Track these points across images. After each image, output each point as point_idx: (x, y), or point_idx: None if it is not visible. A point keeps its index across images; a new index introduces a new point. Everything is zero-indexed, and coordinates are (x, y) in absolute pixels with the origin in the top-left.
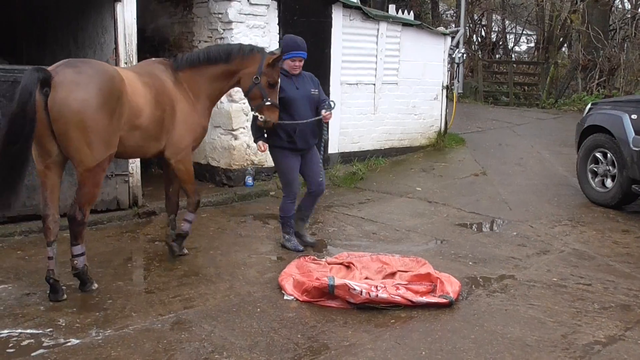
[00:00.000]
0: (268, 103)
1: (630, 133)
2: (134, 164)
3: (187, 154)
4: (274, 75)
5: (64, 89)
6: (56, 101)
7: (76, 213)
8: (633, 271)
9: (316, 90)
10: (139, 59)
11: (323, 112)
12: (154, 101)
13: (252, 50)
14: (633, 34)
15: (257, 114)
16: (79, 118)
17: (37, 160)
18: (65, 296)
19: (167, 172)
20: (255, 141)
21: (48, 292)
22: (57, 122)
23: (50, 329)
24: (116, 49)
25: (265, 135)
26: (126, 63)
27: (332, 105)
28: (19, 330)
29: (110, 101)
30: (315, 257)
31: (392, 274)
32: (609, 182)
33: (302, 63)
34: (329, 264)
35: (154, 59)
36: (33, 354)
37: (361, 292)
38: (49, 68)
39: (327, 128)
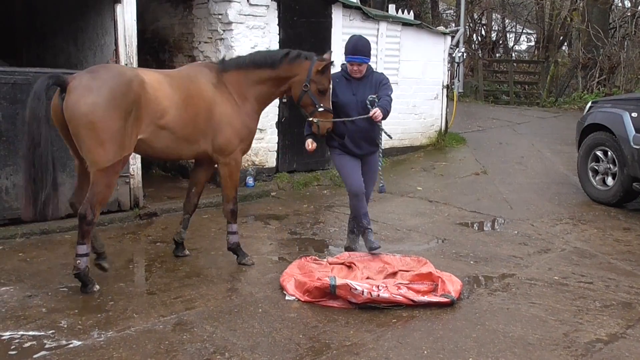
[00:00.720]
0: (320, 109)
1: (631, 131)
2: (135, 166)
3: (235, 158)
4: (324, 82)
5: (76, 93)
6: (68, 105)
7: (87, 212)
8: (634, 269)
9: (375, 95)
10: (139, 60)
11: (371, 113)
12: (182, 103)
13: (299, 57)
14: (633, 32)
15: (312, 119)
16: (88, 120)
17: (73, 155)
18: (97, 288)
19: (195, 173)
20: (306, 138)
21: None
22: (70, 124)
23: (52, 331)
24: (116, 50)
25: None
26: (126, 64)
27: (375, 100)
28: (21, 332)
29: (123, 104)
30: (317, 257)
31: (394, 274)
32: (609, 180)
33: (362, 67)
34: (330, 264)
35: (201, 62)
36: (35, 356)
37: (363, 292)
38: (74, 74)
39: (381, 131)
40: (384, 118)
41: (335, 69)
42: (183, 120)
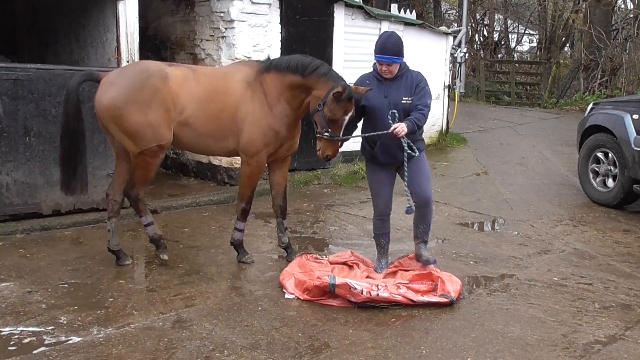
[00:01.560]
0: (325, 134)
1: (632, 133)
2: None
3: (258, 160)
4: (336, 112)
5: (102, 88)
6: (96, 99)
7: (131, 190)
8: (634, 271)
9: (409, 98)
10: (141, 57)
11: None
12: (205, 99)
13: (326, 75)
14: (635, 34)
15: (318, 136)
16: (110, 113)
17: (111, 145)
18: (129, 261)
19: (270, 176)
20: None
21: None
22: (98, 116)
23: (52, 327)
24: (118, 47)
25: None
26: (127, 61)
27: (396, 115)
28: (21, 328)
29: (142, 97)
30: (318, 256)
31: (394, 273)
32: (610, 182)
33: (392, 67)
34: (330, 262)
35: (247, 60)
36: (34, 352)
37: (362, 291)
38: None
39: (407, 144)
40: (412, 132)
41: (360, 72)
42: (205, 117)
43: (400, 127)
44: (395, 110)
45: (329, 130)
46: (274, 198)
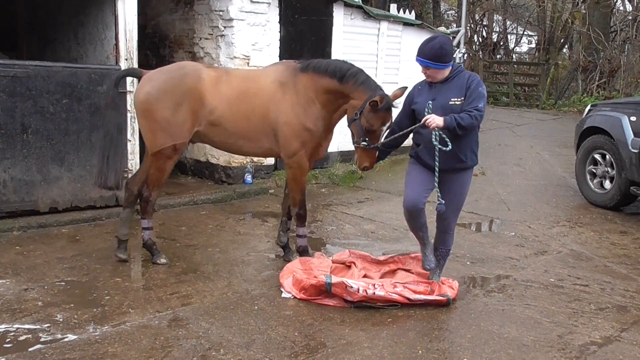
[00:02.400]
0: (363, 143)
1: (629, 135)
2: (133, 161)
3: (298, 161)
4: (373, 122)
5: (141, 83)
6: (134, 94)
7: (144, 190)
8: (630, 272)
9: (459, 99)
10: (139, 55)
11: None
12: (235, 100)
13: (364, 84)
14: (634, 36)
15: (355, 145)
16: (143, 108)
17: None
18: (125, 257)
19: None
20: None
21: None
22: (135, 111)
23: (48, 325)
24: (117, 45)
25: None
26: (126, 60)
27: (430, 106)
28: (17, 326)
29: (172, 96)
30: (323, 254)
31: (392, 272)
32: (607, 184)
33: (431, 72)
34: (334, 262)
35: (286, 60)
36: (30, 350)
37: (358, 289)
38: None
39: (438, 137)
40: (447, 128)
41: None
42: (234, 117)
43: (432, 118)
44: (430, 101)
45: (366, 139)
46: (285, 197)
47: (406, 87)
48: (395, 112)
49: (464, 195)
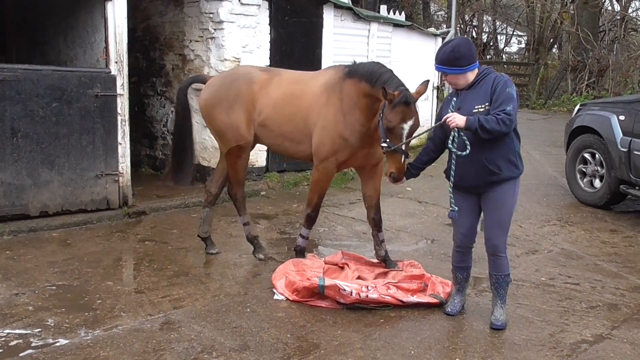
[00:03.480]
0: (384, 145)
1: (618, 134)
2: (124, 164)
3: (326, 167)
4: (391, 118)
5: (203, 89)
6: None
7: (229, 189)
8: (620, 270)
9: (483, 105)
10: (130, 58)
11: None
12: (281, 102)
13: (387, 82)
14: (622, 36)
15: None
16: (204, 113)
17: None
18: (216, 250)
19: (362, 189)
20: None
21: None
22: None
23: (39, 329)
24: (106, 48)
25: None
26: (116, 62)
27: (452, 104)
28: (7, 331)
29: (227, 99)
30: (315, 255)
31: (385, 273)
32: (597, 183)
33: (451, 78)
34: (326, 263)
35: (336, 64)
36: (21, 355)
37: (351, 292)
38: None
39: (454, 138)
40: (468, 129)
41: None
42: (280, 119)
43: (453, 117)
44: (455, 98)
45: (387, 140)
46: (367, 210)
47: (428, 81)
48: (428, 116)
49: (506, 210)
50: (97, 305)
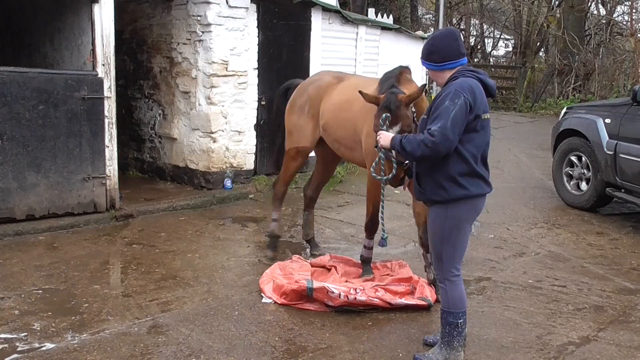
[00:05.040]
0: (375, 148)
1: (604, 137)
2: (111, 167)
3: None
4: (375, 122)
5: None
6: None
7: (274, 183)
8: (606, 273)
9: (425, 117)
10: (117, 60)
11: None
12: (338, 107)
13: (382, 84)
14: (607, 40)
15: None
16: (285, 113)
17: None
18: (319, 252)
19: (413, 205)
20: None
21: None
22: None
23: (25, 334)
24: (93, 50)
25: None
26: (103, 65)
27: (388, 118)
28: None
29: (299, 103)
30: (301, 257)
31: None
32: (583, 185)
33: (432, 75)
34: (312, 265)
35: (398, 66)
36: (7, 359)
37: (339, 295)
38: None
39: (382, 157)
40: (392, 149)
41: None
42: (335, 124)
43: (380, 136)
44: (388, 114)
45: (377, 146)
46: (418, 228)
47: (425, 85)
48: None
49: (432, 235)
50: (84, 309)
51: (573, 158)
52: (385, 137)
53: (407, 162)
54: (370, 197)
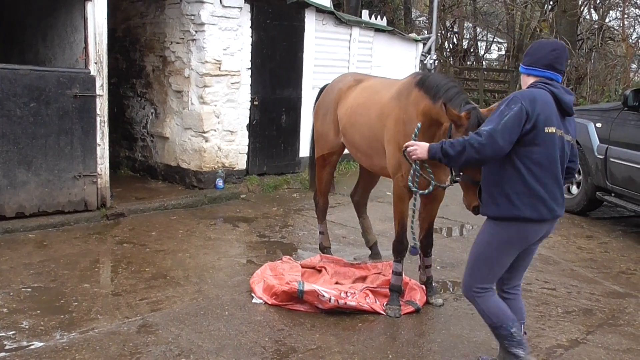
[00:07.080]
0: (457, 179)
1: (595, 141)
2: (103, 165)
3: (395, 185)
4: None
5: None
6: None
7: (314, 194)
8: (596, 276)
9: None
10: (109, 59)
11: None
12: (353, 112)
13: (450, 100)
14: (599, 44)
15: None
16: (313, 119)
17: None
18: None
19: (421, 207)
20: None
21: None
22: None
23: (13, 332)
24: (86, 48)
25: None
26: (96, 63)
27: (417, 132)
28: None
29: (323, 106)
30: (291, 258)
31: (364, 278)
32: (574, 189)
33: (521, 78)
34: (302, 266)
35: (418, 71)
36: None
37: (330, 299)
38: None
39: (416, 171)
40: (432, 158)
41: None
42: (351, 129)
43: (414, 148)
44: (420, 124)
45: (461, 173)
46: (420, 232)
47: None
48: None
49: (478, 246)
50: (74, 307)
51: None
52: (422, 147)
53: (458, 178)
54: (396, 212)
